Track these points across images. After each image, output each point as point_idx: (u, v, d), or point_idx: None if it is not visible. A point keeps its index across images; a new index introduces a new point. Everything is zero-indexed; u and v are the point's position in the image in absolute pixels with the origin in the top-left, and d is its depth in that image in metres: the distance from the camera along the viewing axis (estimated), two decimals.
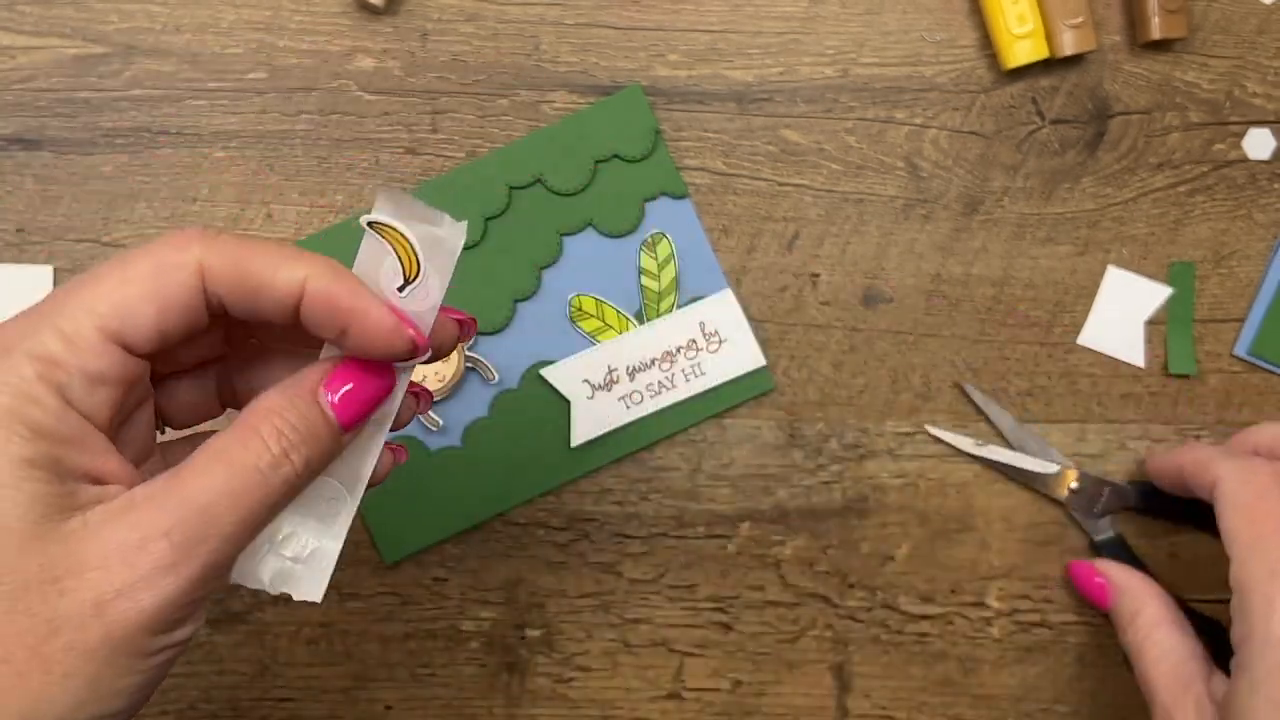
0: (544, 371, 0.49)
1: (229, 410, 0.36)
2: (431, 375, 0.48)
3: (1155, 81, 0.51)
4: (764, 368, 0.50)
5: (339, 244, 0.49)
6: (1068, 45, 0.49)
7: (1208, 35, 0.51)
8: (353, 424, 0.32)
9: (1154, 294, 0.51)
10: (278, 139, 0.49)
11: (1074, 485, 0.50)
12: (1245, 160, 0.52)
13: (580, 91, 0.50)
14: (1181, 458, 0.46)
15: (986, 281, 0.51)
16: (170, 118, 0.49)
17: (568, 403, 0.50)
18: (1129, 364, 0.52)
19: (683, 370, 0.50)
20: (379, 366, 0.32)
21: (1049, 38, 0.49)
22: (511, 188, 0.49)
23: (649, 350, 0.50)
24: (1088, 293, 0.51)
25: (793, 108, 0.51)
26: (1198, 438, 0.52)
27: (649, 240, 0.50)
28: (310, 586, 0.33)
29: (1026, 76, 0.51)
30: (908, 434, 0.51)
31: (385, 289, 0.32)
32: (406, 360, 0.32)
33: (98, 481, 0.29)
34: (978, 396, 0.50)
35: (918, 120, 0.51)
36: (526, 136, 0.50)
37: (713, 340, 0.50)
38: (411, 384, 0.34)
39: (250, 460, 0.30)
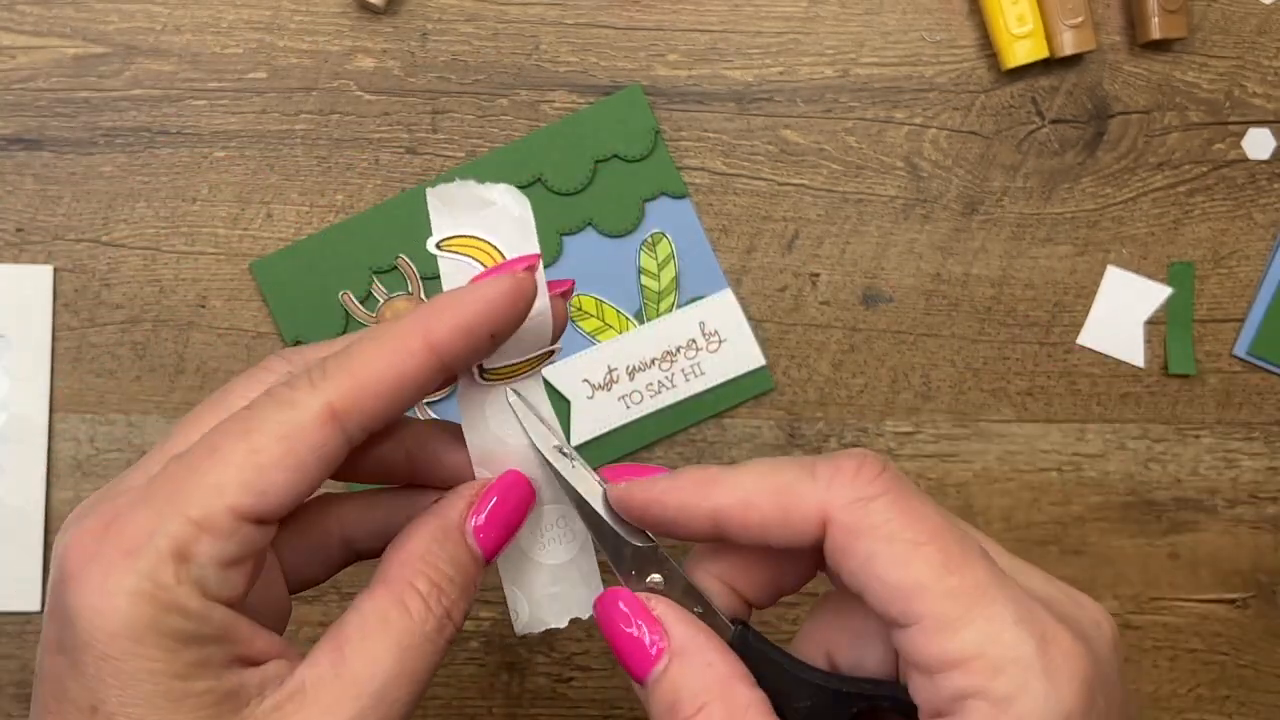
0: (543, 371, 0.49)
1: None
2: None
3: (1155, 81, 0.51)
4: (764, 367, 0.50)
5: (338, 245, 0.49)
6: (1067, 45, 0.49)
7: (1207, 35, 0.51)
8: (496, 554, 0.30)
9: (1153, 294, 0.51)
10: (278, 139, 0.49)
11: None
12: (1245, 160, 0.52)
13: (580, 91, 0.50)
14: (715, 498, 0.28)
15: (986, 281, 0.51)
16: (170, 118, 0.49)
17: (568, 402, 0.50)
18: (1129, 364, 0.52)
19: (682, 370, 0.50)
20: (518, 483, 0.30)
21: (1049, 38, 0.49)
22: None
23: (649, 350, 0.50)
24: (1087, 293, 0.51)
25: (792, 108, 0.51)
26: (1197, 438, 0.52)
27: (649, 240, 0.50)
28: (573, 604, 0.31)
29: (1026, 76, 0.51)
30: (907, 434, 0.51)
31: None
32: (549, 353, 0.30)
33: (253, 664, 0.27)
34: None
35: (917, 120, 0.51)
36: (526, 136, 0.50)
37: (713, 340, 0.50)
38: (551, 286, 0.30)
39: (415, 628, 0.27)
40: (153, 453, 0.28)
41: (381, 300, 0.49)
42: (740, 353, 0.50)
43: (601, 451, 0.50)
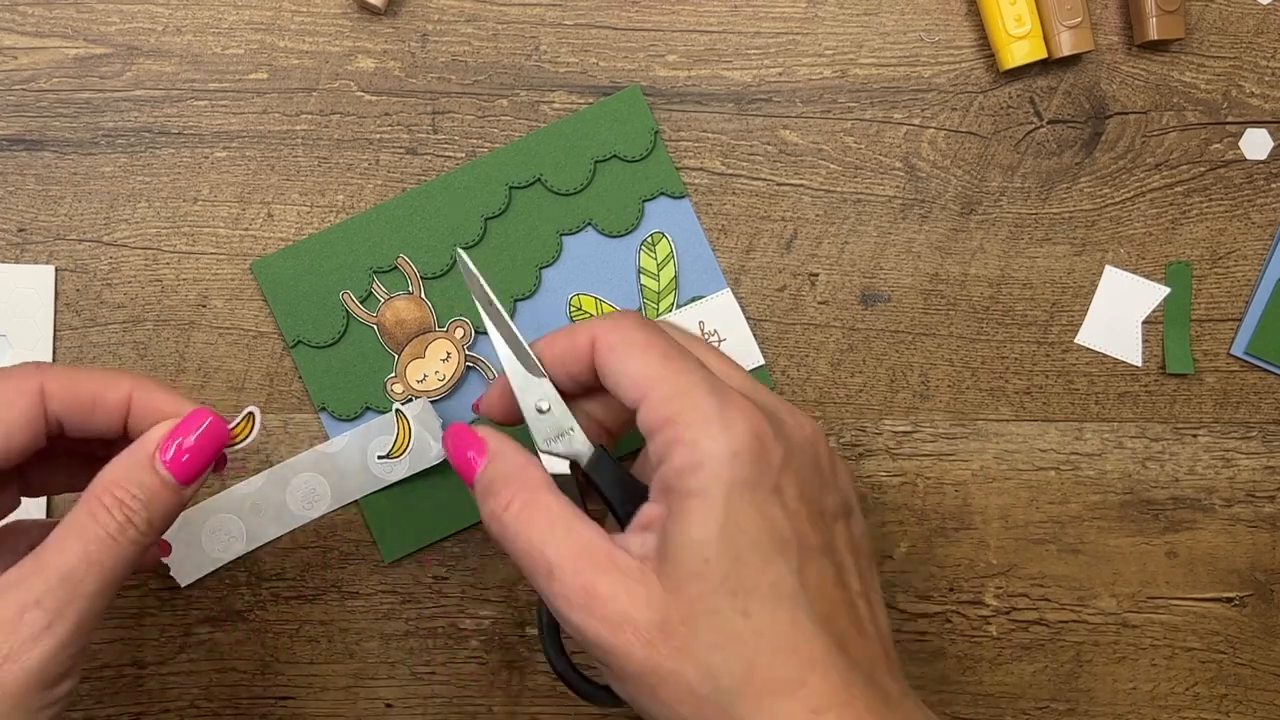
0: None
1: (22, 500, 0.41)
2: (433, 375, 0.49)
3: (1152, 82, 0.51)
4: (763, 367, 0.51)
5: (338, 245, 0.49)
6: (1065, 46, 0.49)
7: (1205, 36, 0.52)
8: (191, 479, 0.37)
9: (1151, 293, 0.52)
10: (278, 139, 0.50)
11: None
12: (1242, 160, 0.52)
13: (580, 92, 0.50)
14: (554, 346, 0.39)
15: (984, 281, 0.51)
16: (171, 118, 0.49)
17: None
18: (1126, 363, 0.52)
19: None
20: (208, 420, 0.38)
21: (1046, 38, 0.50)
22: (511, 187, 0.50)
23: None
24: (1085, 292, 0.52)
25: (791, 108, 0.51)
26: (1195, 437, 0.52)
27: (649, 240, 0.50)
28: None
29: (1024, 77, 0.51)
30: (906, 433, 0.51)
31: (371, 450, 0.48)
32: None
33: None
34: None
35: (915, 120, 0.51)
36: (526, 136, 0.50)
37: (712, 339, 0.50)
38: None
39: (99, 530, 0.35)
40: None
41: (382, 300, 0.49)
42: (740, 352, 0.50)
43: None
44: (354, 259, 0.49)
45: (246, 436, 0.39)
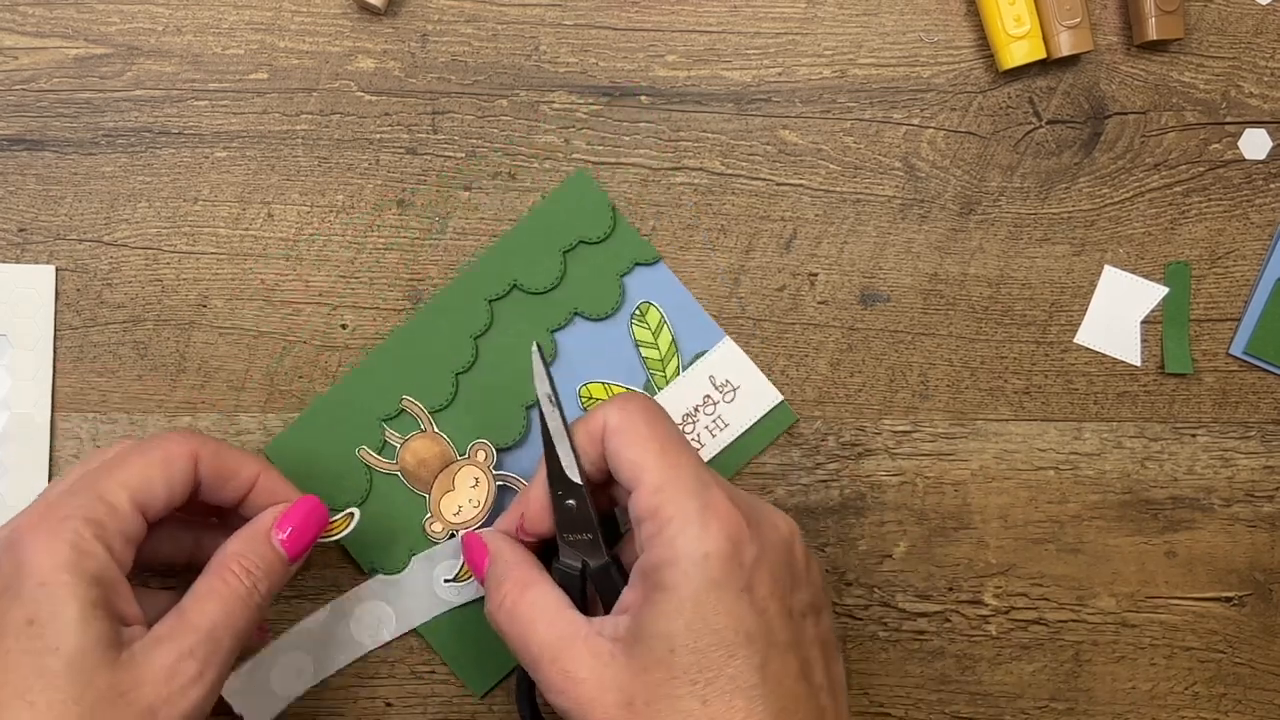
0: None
1: None
2: (467, 504, 0.48)
3: (1152, 82, 0.52)
4: (783, 402, 0.50)
5: (341, 406, 0.49)
6: (1064, 46, 0.49)
7: (1204, 36, 0.52)
8: (298, 556, 0.43)
9: (1150, 293, 0.52)
10: (279, 139, 0.50)
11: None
12: (1241, 160, 0.52)
13: (580, 92, 0.50)
14: (576, 436, 0.43)
15: (983, 281, 0.51)
16: (172, 118, 0.49)
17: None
18: (1125, 363, 0.52)
19: (706, 427, 0.50)
20: (316, 507, 0.43)
21: (1046, 38, 0.50)
22: (490, 300, 0.49)
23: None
24: (1084, 292, 0.52)
25: (790, 108, 0.51)
26: (1194, 436, 0.52)
27: (636, 312, 0.50)
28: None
29: (1023, 77, 0.51)
30: (905, 432, 0.51)
31: (437, 576, 0.49)
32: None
33: (126, 623, 0.39)
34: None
35: (915, 121, 0.51)
36: (489, 249, 0.49)
37: (726, 391, 0.50)
38: None
39: (230, 592, 0.40)
40: (64, 474, 0.42)
41: (398, 445, 0.49)
42: (757, 395, 0.50)
43: None
44: (359, 414, 0.49)
45: (343, 530, 0.45)
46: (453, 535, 0.49)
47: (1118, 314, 0.52)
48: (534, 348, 0.43)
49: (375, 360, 0.49)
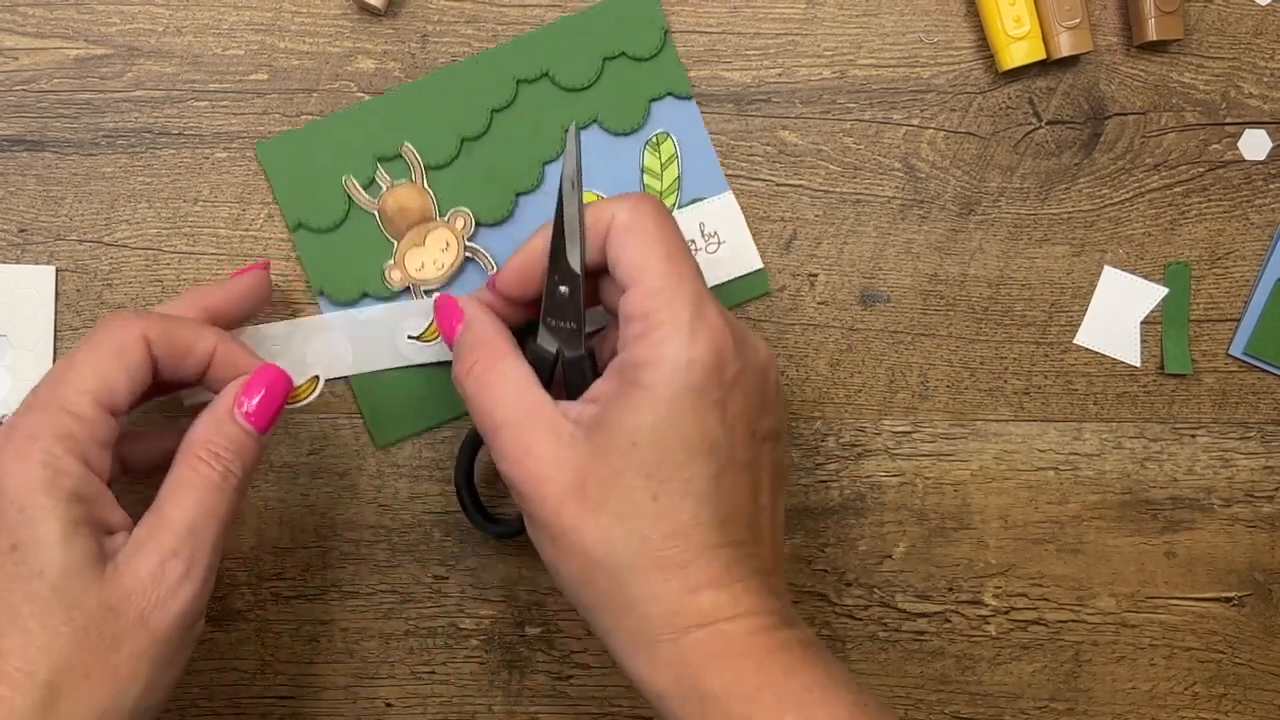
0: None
1: None
2: (431, 263, 0.49)
3: (1151, 82, 0.52)
4: (760, 270, 0.50)
5: (344, 130, 0.49)
6: (1064, 46, 0.49)
7: (1204, 36, 0.52)
8: (266, 428, 0.41)
9: (1150, 294, 0.52)
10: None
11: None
12: (1241, 161, 0.52)
13: None
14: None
15: (983, 281, 0.51)
16: (172, 119, 0.49)
17: None
18: (1125, 363, 0.52)
19: None
20: (277, 376, 0.42)
21: (1045, 39, 0.50)
22: (519, 81, 0.49)
23: None
24: (1084, 293, 0.52)
25: (790, 109, 0.51)
26: (1194, 437, 0.52)
27: (653, 139, 0.50)
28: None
29: (1023, 78, 0.51)
30: (905, 433, 0.51)
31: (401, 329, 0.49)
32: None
33: (112, 530, 0.38)
34: None
35: (915, 121, 0.51)
36: (535, 31, 0.49)
37: (712, 241, 0.50)
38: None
39: (203, 480, 0.39)
40: (27, 396, 0.39)
41: (385, 187, 0.49)
42: (738, 255, 0.50)
43: None
44: (359, 145, 0.49)
45: (309, 395, 0.44)
46: (407, 289, 0.49)
47: (1117, 314, 0.52)
48: (572, 128, 0.42)
49: (388, 101, 0.49)
